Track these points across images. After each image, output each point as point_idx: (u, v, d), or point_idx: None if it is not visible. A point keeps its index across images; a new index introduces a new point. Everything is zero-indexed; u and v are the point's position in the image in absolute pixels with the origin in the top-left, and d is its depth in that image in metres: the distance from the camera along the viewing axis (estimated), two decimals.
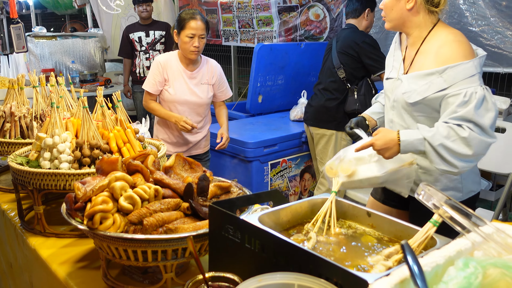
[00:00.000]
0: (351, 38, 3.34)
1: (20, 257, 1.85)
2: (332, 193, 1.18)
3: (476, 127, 1.61)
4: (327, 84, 3.45)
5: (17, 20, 2.77)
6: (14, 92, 2.22)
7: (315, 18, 4.92)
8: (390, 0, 1.82)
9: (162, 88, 2.92)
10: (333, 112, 3.43)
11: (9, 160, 1.71)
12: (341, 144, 3.46)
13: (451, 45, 1.73)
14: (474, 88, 1.63)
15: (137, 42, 5.32)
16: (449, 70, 1.68)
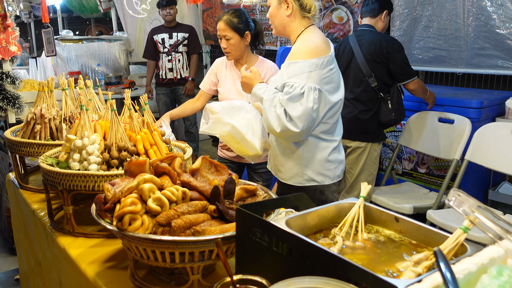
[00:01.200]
0: (378, 41, 3.23)
1: (49, 256, 1.89)
2: (360, 198, 1.18)
3: (287, 110, 1.98)
4: (357, 94, 3.30)
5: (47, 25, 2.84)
6: (44, 94, 2.28)
7: (338, 21, 4.90)
8: (273, 9, 2.13)
9: (215, 88, 2.96)
10: (367, 123, 3.31)
11: (40, 161, 1.75)
12: (372, 155, 3.38)
13: (302, 44, 2.09)
14: (300, 83, 1.99)
15: (160, 43, 5.39)
16: (291, 65, 2.05)
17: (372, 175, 3.46)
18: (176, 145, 2.02)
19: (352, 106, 3.34)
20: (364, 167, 3.40)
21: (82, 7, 10.03)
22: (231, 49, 2.75)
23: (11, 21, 2.74)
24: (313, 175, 2.19)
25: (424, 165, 3.79)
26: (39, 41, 13.03)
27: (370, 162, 3.40)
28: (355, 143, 3.37)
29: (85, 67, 6.40)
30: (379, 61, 3.23)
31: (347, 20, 4.83)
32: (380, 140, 3.43)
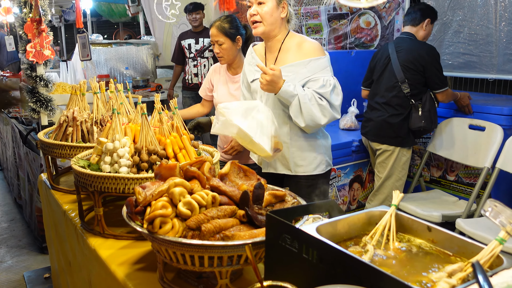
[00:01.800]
0: (417, 50, 3.26)
1: (79, 256, 1.93)
2: (392, 206, 1.17)
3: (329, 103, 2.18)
4: (388, 98, 3.35)
5: (82, 30, 2.90)
6: (76, 98, 2.33)
7: (366, 25, 4.87)
8: (270, 8, 2.25)
9: (211, 94, 3.03)
10: (397, 128, 3.33)
11: (72, 163, 1.79)
12: (401, 160, 3.38)
13: (309, 42, 2.29)
14: (329, 76, 2.21)
15: (187, 49, 5.44)
16: (312, 62, 2.22)
17: (400, 180, 3.43)
18: (204, 149, 2.04)
19: (382, 110, 3.39)
20: (391, 171, 3.40)
21: (111, 11, 10.24)
22: (224, 54, 2.84)
23: (45, 26, 2.82)
24: (329, 160, 2.47)
25: (453, 172, 3.72)
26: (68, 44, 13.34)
27: (398, 167, 3.39)
28: (383, 146, 3.41)
29: (114, 71, 6.52)
30: (414, 69, 3.25)
31: (374, 25, 4.79)
32: (410, 146, 3.41)
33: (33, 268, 3.60)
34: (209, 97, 3.08)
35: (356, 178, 3.81)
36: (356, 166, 3.78)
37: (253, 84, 2.44)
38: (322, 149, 2.41)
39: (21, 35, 2.95)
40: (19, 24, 2.93)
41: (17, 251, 3.92)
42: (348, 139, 3.72)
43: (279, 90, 2.12)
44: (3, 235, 4.23)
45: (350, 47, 5.03)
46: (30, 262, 3.73)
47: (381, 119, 3.38)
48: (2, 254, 3.87)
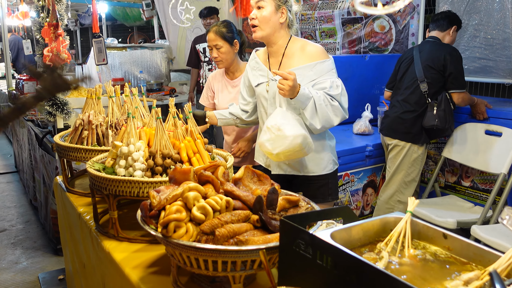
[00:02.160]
0: (438, 50, 3.32)
1: (94, 259, 1.94)
2: (407, 213, 1.16)
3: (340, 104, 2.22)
4: (406, 96, 3.44)
5: (98, 35, 2.94)
6: (92, 101, 2.36)
7: (380, 30, 4.85)
8: (269, 13, 2.26)
9: (213, 102, 3.06)
10: (409, 124, 3.40)
11: (87, 166, 1.81)
12: (411, 156, 3.41)
13: (312, 45, 2.33)
14: (335, 78, 2.27)
15: (201, 53, 5.47)
16: (318, 65, 2.26)
17: (409, 176, 3.46)
18: (218, 153, 2.04)
19: (399, 106, 3.47)
20: (400, 166, 3.45)
21: (126, 15, 10.35)
22: (222, 57, 2.87)
23: (62, 30, 2.85)
24: (335, 159, 2.52)
25: (468, 178, 3.68)
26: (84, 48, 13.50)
27: (408, 163, 3.44)
28: (395, 141, 3.48)
29: (128, 74, 6.57)
30: (435, 67, 3.30)
31: (389, 29, 4.77)
32: (422, 143, 3.43)
33: (48, 269, 3.64)
34: (211, 104, 3.10)
35: (369, 183, 3.78)
36: (370, 171, 3.76)
37: (257, 89, 2.45)
38: (328, 149, 2.46)
39: (38, 39, 3.00)
40: (36, 29, 2.97)
41: (32, 252, 3.96)
42: (361, 144, 3.70)
43: (297, 94, 2.12)
44: (19, 237, 4.29)
45: (364, 51, 5.01)
46: (45, 263, 3.77)
47: (396, 115, 3.47)
48: (18, 255, 3.91)
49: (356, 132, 4.01)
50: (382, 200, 3.57)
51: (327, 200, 2.50)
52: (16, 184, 5.88)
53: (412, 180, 3.48)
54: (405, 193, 3.48)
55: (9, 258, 3.87)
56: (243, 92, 2.60)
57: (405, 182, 3.47)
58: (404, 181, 3.47)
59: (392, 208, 3.50)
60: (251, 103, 2.58)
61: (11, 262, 3.79)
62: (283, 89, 2.09)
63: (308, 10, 5.52)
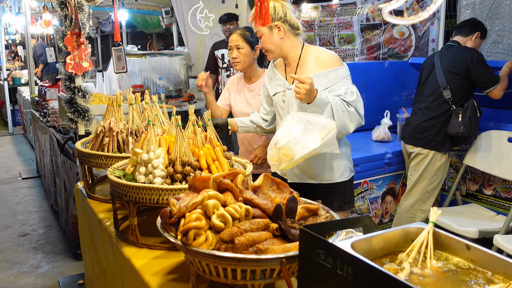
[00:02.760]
0: (460, 55, 3.28)
1: (114, 264, 1.96)
2: (429, 223, 1.14)
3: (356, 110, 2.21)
4: (429, 103, 3.39)
5: (118, 43, 2.98)
6: (112, 109, 2.39)
7: (399, 36, 4.81)
8: (266, 37, 2.31)
9: (229, 104, 3.11)
10: (433, 132, 3.36)
11: (108, 173, 1.83)
12: (434, 165, 3.36)
13: (326, 53, 2.33)
14: (350, 85, 2.26)
15: (220, 59, 5.50)
16: (332, 72, 2.25)
17: (432, 185, 3.41)
18: (236, 161, 2.05)
19: (421, 114, 3.43)
20: (423, 175, 3.40)
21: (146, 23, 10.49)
22: (241, 59, 2.89)
23: (84, 38, 2.91)
24: (352, 166, 2.50)
25: (491, 186, 3.61)
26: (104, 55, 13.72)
27: (431, 172, 3.39)
28: (417, 149, 3.43)
29: (147, 81, 6.64)
30: (457, 73, 3.26)
31: (408, 35, 4.73)
32: (445, 150, 3.38)
33: (68, 274, 3.68)
34: (226, 106, 3.14)
35: (389, 190, 3.74)
36: (389, 178, 3.72)
37: (275, 98, 2.47)
38: (344, 156, 2.44)
39: (61, 47, 3.05)
40: (59, 37, 3.03)
41: (53, 257, 4.02)
42: (381, 151, 3.67)
43: (314, 98, 2.11)
44: (40, 241, 4.35)
45: (383, 58, 4.98)
46: (65, 268, 3.82)
47: (418, 122, 3.43)
48: (39, 260, 3.98)
49: (375, 139, 3.97)
50: (403, 208, 3.52)
51: (344, 208, 2.48)
52: (38, 189, 5.99)
53: (435, 188, 3.44)
54: (427, 201, 3.44)
55: (31, 262, 3.93)
56: (263, 101, 2.62)
57: (428, 191, 3.43)
58: (427, 189, 3.42)
59: (413, 217, 3.45)
60: (270, 113, 2.60)
61: (33, 266, 3.85)
62: (299, 93, 2.07)
63: (326, 16, 5.52)
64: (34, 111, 6.13)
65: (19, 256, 4.05)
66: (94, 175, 2.65)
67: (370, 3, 5.02)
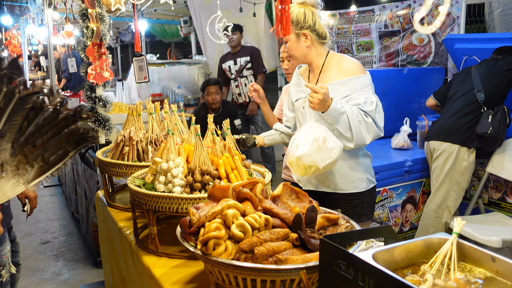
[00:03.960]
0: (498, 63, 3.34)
1: (134, 273, 1.97)
2: (453, 234, 1.12)
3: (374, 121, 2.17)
4: (460, 104, 3.41)
5: (140, 54, 3.03)
6: (132, 118, 2.42)
7: (418, 42, 4.77)
8: (292, 43, 2.29)
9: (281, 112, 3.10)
10: (463, 130, 3.35)
11: (128, 182, 1.85)
12: (461, 164, 3.32)
13: (349, 60, 2.30)
14: (370, 94, 2.21)
15: (228, 71, 5.58)
16: (353, 81, 2.23)
17: (459, 185, 3.37)
18: (255, 169, 2.05)
19: (450, 114, 3.45)
20: (449, 173, 3.36)
21: (164, 32, 10.60)
22: (293, 69, 2.82)
23: (105, 49, 2.96)
24: (371, 177, 2.44)
25: None
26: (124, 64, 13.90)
27: (457, 171, 3.36)
28: (444, 146, 3.39)
29: (166, 89, 6.71)
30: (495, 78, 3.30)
31: (428, 41, 4.69)
32: (472, 147, 3.35)
33: (88, 281, 3.72)
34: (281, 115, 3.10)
35: (409, 199, 3.69)
36: (409, 186, 3.67)
37: (296, 104, 2.46)
38: (362, 167, 2.39)
39: (83, 58, 3.11)
40: (80, 48, 3.09)
41: (74, 264, 4.07)
42: (400, 159, 3.62)
43: (328, 108, 2.08)
44: (61, 249, 4.41)
45: (402, 65, 4.94)
46: (86, 275, 3.85)
47: (448, 122, 3.43)
48: (60, 267, 4.02)
49: (395, 147, 3.93)
50: (430, 209, 3.47)
51: (362, 220, 2.42)
52: (59, 197, 6.08)
53: (462, 189, 3.42)
54: (454, 201, 3.40)
55: (52, 269, 3.98)
56: (285, 109, 2.61)
57: (454, 191, 3.39)
58: (453, 189, 3.39)
59: (440, 217, 3.42)
60: (292, 119, 2.58)
61: (54, 274, 3.90)
62: (312, 102, 2.07)
63: (344, 24, 5.51)
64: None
65: (40, 263, 4.11)
66: (115, 184, 2.68)
67: (389, 10, 5.00)
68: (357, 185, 2.38)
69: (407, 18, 4.81)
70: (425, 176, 3.71)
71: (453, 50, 4.14)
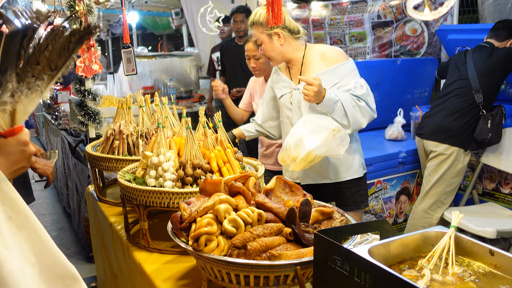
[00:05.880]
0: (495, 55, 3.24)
1: (125, 269, 1.94)
2: (451, 228, 1.09)
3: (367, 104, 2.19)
4: (457, 104, 3.31)
5: (128, 45, 2.97)
6: (122, 111, 2.37)
7: (412, 33, 4.73)
8: (266, 45, 2.28)
9: (250, 104, 3.14)
10: (461, 131, 3.28)
11: (118, 177, 1.81)
12: (456, 166, 3.27)
13: (330, 49, 2.30)
14: (358, 79, 2.23)
15: (215, 61, 5.49)
16: (339, 68, 2.23)
17: (451, 186, 3.33)
18: (248, 162, 2.01)
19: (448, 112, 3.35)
20: (444, 176, 3.32)
21: (156, 24, 10.49)
22: (260, 67, 2.89)
23: (93, 41, 2.89)
24: (363, 162, 2.46)
25: (508, 185, 3.53)
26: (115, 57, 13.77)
27: (452, 173, 3.31)
28: (442, 148, 3.31)
29: (158, 82, 6.65)
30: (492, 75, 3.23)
31: (421, 32, 4.65)
32: (469, 149, 3.31)
33: (81, 276, 3.67)
34: (249, 107, 3.15)
35: (403, 190, 3.68)
36: (403, 178, 3.66)
37: (281, 100, 2.43)
38: (357, 151, 2.41)
39: None
40: None
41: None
42: (394, 150, 3.60)
43: (323, 98, 2.08)
44: None
45: (395, 55, 4.90)
46: (78, 270, 3.78)
47: (445, 121, 3.33)
48: None
49: (389, 138, 3.91)
50: (420, 209, 3.42)
51: (360, 207, 2.44)
52: (51, 192, 6.01)
53: (453, 189, 3.37)
54: (445, 203, 3.36)
55: None
56: (264, 106, 2.56)
57: (446, 192, 3.34)
58: (445, 191, 3.34)
59: (430, 218, 3.36)
60: (275, 118, 2.55)
61: None
62: (308, 95, 2.05)
63: (337, 14, 5.46)
64: (46, 114, 6.16)
65: None
66: (106, 178, 2.63)
67: (381, 1, 4.95)
68: (355, 170, 2.39)
69: (400, 9, 4.77)
70: (419, 167, 3.69)
71: (446, 41, 4.11)
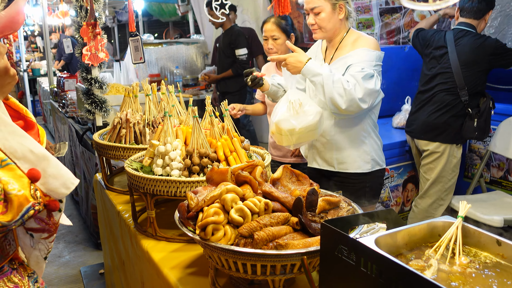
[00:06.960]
0: (481, 48, 3.04)
1: (133, 256, 1.95)
2: (458, 218, 1.09)
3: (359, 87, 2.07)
4: (441, 98, 3.18)
5: (135, 33, 2.95)
6: (129, 100, 2.37)
7: (420, 19, 4.67)
8: (327, 14, 2.22)
9: None
10: (450, 127, 3.18)
11: (125, 166, 1.81)
12: (451, 162, 3.22)
13: (365, 38, 2.26)
14: (369, 68, 2.12)
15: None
16: (359, 51, 2.18)
17: (450, 182, 3.28)
18: (254, 151, 2.01)
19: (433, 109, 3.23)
20: (441, 174, 3.24)
21: (162, 11, 10.44)
22: (278, 49, 2.85)
23: (100, 29, 2.88)
24: (378, 159, 2.39)
25: None
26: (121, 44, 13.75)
27: (449, 170, 3.25)
28: (433, 146, 3.24)
29: (164, 70, 6.62)
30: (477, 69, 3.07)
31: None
32: (460, 143, 3.24)
33: (89, 263, 3.72)
34: (263, 97, 3.07)
35: (410, 178, 3.67)
36: (410, 166, 3.64)
37: None
38: (368, 147, 2.34)
39: (77, 39, 3.04)
40: (75, 28, 3.02)
41: (74, 246, 4.07)
42: (401, 138, 3.58)
43: (302, 68, 2.11)
44: (61, 231, 4.41)
45: (403, 42, 4.85)
46: (86, 257, 3.86)
47: (431, 118, 3.21)
48: (61, 249, 4.03)
49: (396, 126, 3.88)
50: (421, 209, 3.36)
51: (364, 204, 2.35)
52: None
53: (452, 184, 3.31)
54: (446, 198, 3.31)
55: (53, 251, 3.98)
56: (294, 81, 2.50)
57: (446, 189, 3.29)
58: (445, 187, 3.28)
59: (432, 216, 3.29)
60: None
61: (55, 256, 3.90)
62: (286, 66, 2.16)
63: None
64: (53, 101, 6.18)
65: None
66: (113, 166, 2.64)
67: None
68: (360, 165, 2.33)
69: None
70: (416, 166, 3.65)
71: None
